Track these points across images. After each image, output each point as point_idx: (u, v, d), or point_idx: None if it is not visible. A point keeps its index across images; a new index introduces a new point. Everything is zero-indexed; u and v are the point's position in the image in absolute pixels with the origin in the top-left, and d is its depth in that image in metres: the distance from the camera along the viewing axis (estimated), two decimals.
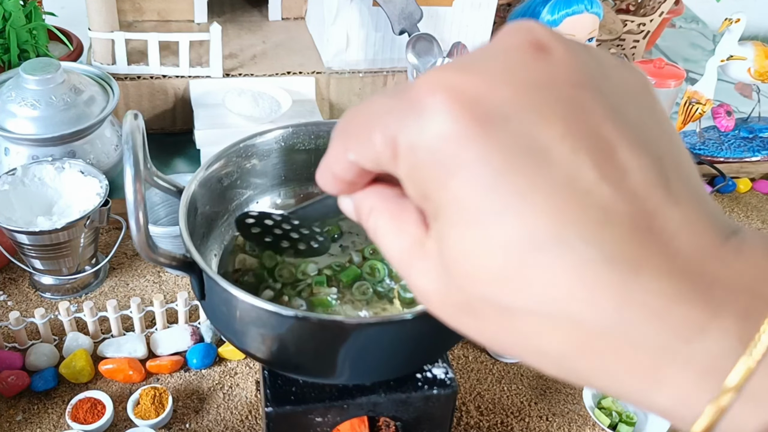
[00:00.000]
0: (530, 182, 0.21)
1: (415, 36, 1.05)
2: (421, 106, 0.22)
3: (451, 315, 0.25)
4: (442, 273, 0.24)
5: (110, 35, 1.05)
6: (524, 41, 0.23)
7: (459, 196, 0.22)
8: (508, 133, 0.21)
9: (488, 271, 0.22)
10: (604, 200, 0.21)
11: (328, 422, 0.60)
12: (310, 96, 1.14)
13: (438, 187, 0.22)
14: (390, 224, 0.26)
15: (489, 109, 0.21)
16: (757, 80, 1.26)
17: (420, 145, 0.22)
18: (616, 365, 0.22)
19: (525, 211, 0.21)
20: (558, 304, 0.21)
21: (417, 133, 0.22)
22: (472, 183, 0.22)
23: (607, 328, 0.21)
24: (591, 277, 0.21)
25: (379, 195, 0.27)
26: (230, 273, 0.66)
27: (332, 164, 0.26)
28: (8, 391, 0.75)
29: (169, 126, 1.14)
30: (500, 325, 0.23)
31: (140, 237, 0.48)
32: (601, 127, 0.21)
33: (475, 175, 0.21)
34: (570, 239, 0.21)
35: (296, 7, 1.28)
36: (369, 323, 0.53)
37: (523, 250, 0.21)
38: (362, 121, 0.25)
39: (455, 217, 0.22)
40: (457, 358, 0.85)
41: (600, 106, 0.22)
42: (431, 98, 0.22)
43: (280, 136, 0.67)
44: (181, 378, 0.80)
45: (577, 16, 1.12)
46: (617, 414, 0.78)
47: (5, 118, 0.92)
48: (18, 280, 0.90)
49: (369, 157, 0.25)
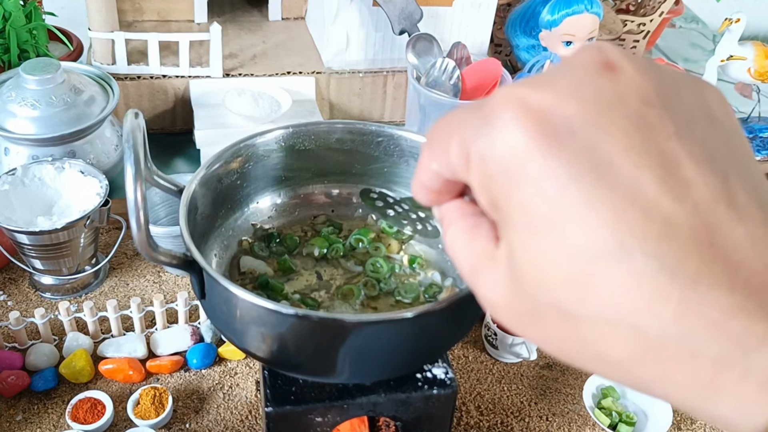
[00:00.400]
0: (593, 194, 0.22)
1: (415, 36, 1.05)
2: (493, 118, 0.24)
3: (517, 323, 0.26)
4: (510, 282, 0.25)
5: (110, 35, 1.05)
6: (595, 60, 0.24)
7: (525, 206, 0.23)
8: (573, 146, 0.22)
9: (554, 278, 0.23)
10: (665, 213, 0.22)
11: (328, 422, 0.60)
12: (310, 96, 1.14)
13: (506, 197, 0.24)
14: (463, 238, 0.28)
15: (556, 123, 0.23)
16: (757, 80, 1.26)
17: (490, 155, 0.24)
18: (675, 374, 0.22)
19: (589, 221, 0.22)
20: (620, 312, 0.22)
21: (488, 144, 0.24)
22: (537, 193, 0.23)
23: (666, 337, 0.22)
24: (651, 287, 0.22)
25: (458, 210, 0.29)
26: (235, 275, 0.66)
27: (420, 173, 0.28)
28: (8, 391, 0.75)
29: (169, 126, 1.14)
30: (565, 331, 0.24)
31: (141, 235, 0.48)
32: (666, 143, 0.22)
33: (541, 186, 0.23)
34: (631, 250, 0.22)
35: (296, 7, 1.28)
36: (369, 322, 0.53)
37: (586, 259, 0.22)
38: (443, 131, 0.26)
39: (522, 226, 0.24)
40: (457, 358, 0.85)
41: (666, 123, 0.23)
42: (502, 112, 0.23)
43: (280, 136, 0.67)
44: (181, 378, 0.80)
45: (577, 16, 1.12)
46: (617, 414, 0.78)
47: (5, 118, 0.92)
48: (18, 280, 0.90)
49: (447, 167, 0.26)
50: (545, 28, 1.14)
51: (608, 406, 0.79)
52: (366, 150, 0.70)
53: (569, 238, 0.22)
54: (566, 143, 0.22)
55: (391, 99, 1.19)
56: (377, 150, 0.70)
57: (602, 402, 0.80)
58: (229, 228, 0.68)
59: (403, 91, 1.18)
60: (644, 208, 0.22)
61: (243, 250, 0.68)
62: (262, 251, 0.68)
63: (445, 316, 0.54)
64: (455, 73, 1.03)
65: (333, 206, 0.73)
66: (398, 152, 0.69)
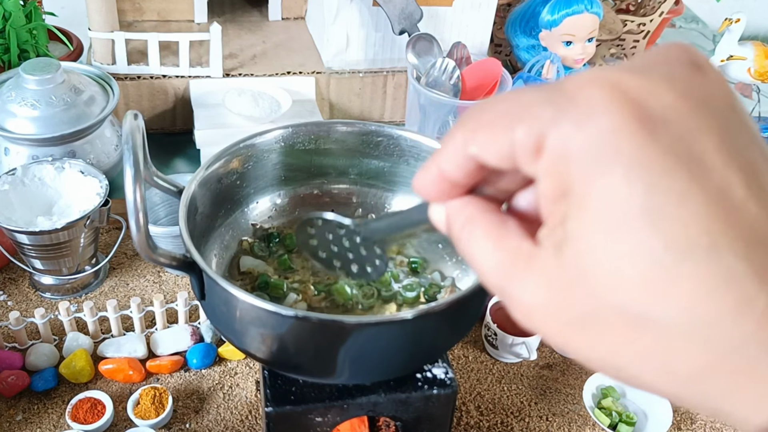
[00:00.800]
0: (686, 189, 0.21)
1: (415, 36, 1.05)
2: (582, 99, 0.22)
3: (560, 330, 0.24)
4: (561, 283, 0.23)
5: (110, 35, 1.05)
6: (684, 57, 0.24)
7: (609, 194, 0.22)
8: (668, 137, 0.22)
9: (630, 277, 0.22)
10: (752, 218, 0.21)
11: (328, 422, 0.60)
12: (310, 96, 1.14)
13: (586, 184, 0.22)
14: (488, 236, 0.26)
15: (651, 111, 0.22)
16: (757, 80, 1.26)
17: (577, 137, 0.22)
18: (747, 387, 0.21)
19: (680, 215, 0.21)
20: (699, 316, 0.21)
21: (574, 125, 0.22)
22: (626, 182, 0.21)
23: (747, 347, 0.21)
24: (738, 290, 0.21)
25: (478, 205, 0.27)
26: (235, 276, 0.66)
27: (442, 160, 0.26)
28: (8, 391, 0.75)
29: (169, 126, 1.14)
30: (626, 340, 0.22)
31: (140, 237, 0.48)
32: (748, 148, 0.22)
33: (632, 174, 0.21)
34: (722, 250, 0.21)
35: (296, 7, 1.28)
36: (369, 323, 0.53)
37: (672, 255, 0.21)
38: (499, 114, 0.24)
39: (599, 217, 0.22)
40: (457, 358, 0.85)
41: (747, 129, 0.23)
42: (594, 92, 0.22)
43: (280, 136, 0.67)
44: (181, 378, 0.80)
45: (577, 16, 1.12)
46: (617, 414, 0.78)
47: (5, 118, 0.92)
48: (18, 280, 0.90)
49: (499, 151, 0.24)
50: (545, 28, 1.14)
51: (608, 406, 0.79)
52: (366, 150, 0.70)
53: (656, 231, 0.21)
54: (661, 133, 0.22)
55: (391, 99, 1.19)
56: (377, 150, 0.70)
57: (602, 402, 0.80)
58: (229, 228, 0.68)
59: (403, 91, 1.18)
60: (733, 209, 0.21)
61: (243, 250, 0.68)
62: (262, 251, 0.68)
63: (444, 316, 0.54)
64: (455, 73, 1.03)
65: (333, 206, 0.73)
66: (398, 152, 0.69)
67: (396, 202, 0.72)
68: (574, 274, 0.23)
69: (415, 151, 0.69)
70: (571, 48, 1.15)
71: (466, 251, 0.27)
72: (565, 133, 0.22)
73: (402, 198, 0.72)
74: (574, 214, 0.23)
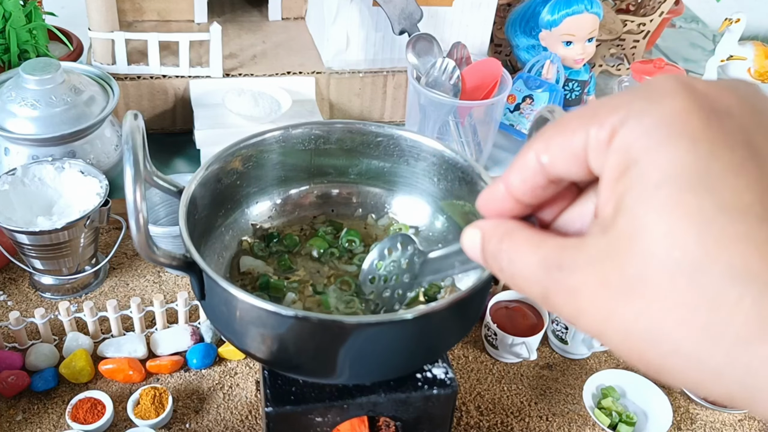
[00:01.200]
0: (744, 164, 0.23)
1: (415, 36, 1.05)
2: (654, 86, 0.25)
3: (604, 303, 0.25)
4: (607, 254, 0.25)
5: (110, 35, 1.05)
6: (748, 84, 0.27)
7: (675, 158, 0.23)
8: (730, 124, 0.24)
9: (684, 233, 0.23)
10: None
11: (328, 422, 0.60)
12: (310, 96, 1.14)
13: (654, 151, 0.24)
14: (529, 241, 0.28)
15: (717, 104, 0.24)
16: (757, 80, 1.26)
17: (648, 112, 0.24)
18: None
19: (738, 184, 0.23)
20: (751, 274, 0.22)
21: (647, 102, 0.25)
22: (691, 150, 0.23)
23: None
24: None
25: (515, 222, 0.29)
26: (235, 276, 0.66)
27: (512, 175, 0.29)
28: (8, 391, 0.75)
29: (169, 126, 1.14)
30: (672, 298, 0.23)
31: (140, 237, 0.48)
32: None
33: (697, 145, 0.23)
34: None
35: (296, 7, 1.28)
36: (369, 323, 0.53)
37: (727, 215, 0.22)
38: (572, 120, 0.27)
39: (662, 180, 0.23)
40: (457, 358, 0.85)
41: None
42: (668, 85, 0.25)
43: (280, 136, 0.67)
44: (181, 378, 0.80)
45: (577, 16, 1.12)
46: (617, 414, 0.78)
47: (5, 118, 0.92)
48: (18, 280, 0.90)
49: (572, 151, 0.26)
50: (545, 28, 1.14)
51: (608, 406, 0.79)
52: (366, 150, 0.70)
53: (712, 194, 0.23)
54: (725, 120, 0.24)
55: (391, 99, 1.19)
56: (377, 150, 0.70)
57: (602, 402, 0.80)
58: (229, 228, 0.68)
59: (403, 91, 1.18)
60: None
61: (243, 250, 0.68)
62: (262, 251, 0.68)
63: (444, 316, 0.54)
64: (455, 73, 1.03)
65: (333, 206, 0.73)
66: (398, 152, 0.69)
67: (396, 202, 0.72)
68: (626, 240, 0.24)
69: (415, 151, 0.69)
70: (571, 48, 1.15)
71: (504, 259, 0.29)
72: (639, 109, 0.25)
73: (402, 198, 0.72)
74: (634, 184, 0.24)
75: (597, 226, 0.26)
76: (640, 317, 0.24)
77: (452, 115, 1.05)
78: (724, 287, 0.22)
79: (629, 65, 1.37)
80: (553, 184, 0.28)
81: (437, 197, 0.70)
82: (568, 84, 1.18)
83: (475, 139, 1.09)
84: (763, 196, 0.23)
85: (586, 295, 0.25)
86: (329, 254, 0.68)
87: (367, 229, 0.72)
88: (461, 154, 0.67)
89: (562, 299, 0.26)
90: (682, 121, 0.24)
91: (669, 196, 0.23)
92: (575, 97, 1.20)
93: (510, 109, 1.17)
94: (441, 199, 0.70)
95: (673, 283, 0.23)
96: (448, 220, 0.70)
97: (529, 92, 1.15)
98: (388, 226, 0.72)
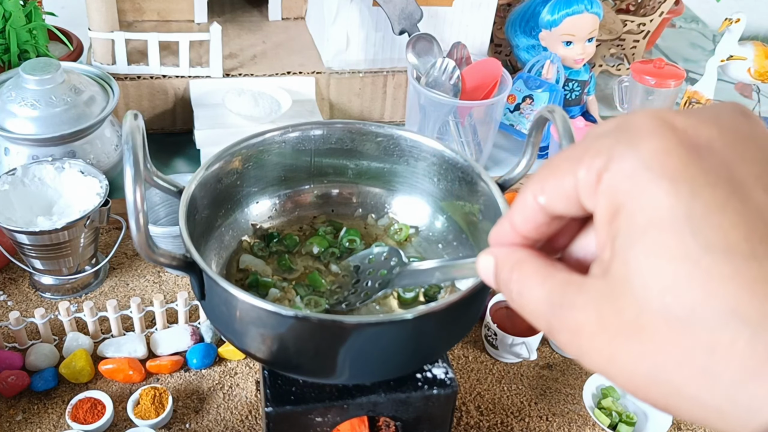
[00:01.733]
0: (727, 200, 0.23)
1: (415, 36, 1.05)
2: (633, 127, 0.25)
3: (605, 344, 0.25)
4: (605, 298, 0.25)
5: (110, 35, 1.05)
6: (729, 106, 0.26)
7: (655, 203, 0.24)
8: (711, 160, 0.24)
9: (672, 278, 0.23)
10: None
11: (328, 422, 0.60)
12: (310, 96, 1.14)
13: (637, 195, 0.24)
14: (538, 272, 0.28)
15: (696, 139, 0.24)
16: (757, 80, 1.26)
17: (628, 155, 0.24)
18: None
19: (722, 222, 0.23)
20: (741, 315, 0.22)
21: (626, 146, 0.25)
22: (672, 192, 0.23)
23: None
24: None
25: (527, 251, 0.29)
26: (233, 273, 0.66)
27: (514, 214, 0.29)
28: (8, 391, 0.75)
29: (169, 126, 1.14)
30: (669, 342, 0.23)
31: (140, 237, 0.48)
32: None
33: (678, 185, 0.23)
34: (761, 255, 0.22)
35: (296, 7, 1.28)
36: (369, 323, 0.53)
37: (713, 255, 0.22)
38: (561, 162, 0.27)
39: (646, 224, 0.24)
40: (457, 358, 0.85)
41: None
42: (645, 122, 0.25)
43: (280, 136, 0.67)
44: (181, 378, 0.80)
45: (577, 16, 1.12)
46: (617, 414, 0.78)
47: (5, 118, 0.92)
48: (18, 280, 0.90)
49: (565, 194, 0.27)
50: (545, 28, 1.14)
51: (608, 406, 0.79)
52: (366, 150, 0.70)
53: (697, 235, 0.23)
54: (705, 156, 0.24)
55: (391, 99, 1.19)
56: (377, 150, 0.70)
57: (602, 402, 0.80)
58: (229, 228, 0.68)
59: (403, 91, 1.18)
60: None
61: (243, 250, 0.68)
62: (261, 251, 0.68)
63: (445, 316, 0.54)
64: (455, 73, 1.03)
65: (333, 206, 0.73)
66: (398, 152, 0.69)
67: (396, 202, 0.72)
68: (620, 285, 0.24)
69: (415, 151, 0.69)
70: (571, 48, 1.15)
71: (514, 290, 0.29)
72: (619, 154, 0.25)
73: (402, 198, 0.72)
74: (623, 229, 0.24)
75: (598, 267, 0.26)
76: (641, 361, 0.24)
77: (452, 115, 1.05)
78: (718, 329, 0.22)
79: (629, 65, 1.37)
80: (556, 220, 0.29)
81: (437, 197, 0.70)
82: (568, 84, 1.18)
83: (475, 139, 1.09)
84: (748, 233, 0.23)
85: (586, 336, 0.26)
86: (329, 254, 0.68)
87: (367, 228, 0.72)
88: (461, 154, 0.67)
89: (565, 337, 0.26)
90: (660, 163, 0.24)
91: (655, 241, 0.23)
92: (575, 97, 1.20)
93: (510, 109, 1.17)
94: (441, 199, 0.70)
95: (668, 328, 0.23)
96: (448, 220, 0.70)
97: (529, 92, 1.15)
98: (388, 226, 0.72)
